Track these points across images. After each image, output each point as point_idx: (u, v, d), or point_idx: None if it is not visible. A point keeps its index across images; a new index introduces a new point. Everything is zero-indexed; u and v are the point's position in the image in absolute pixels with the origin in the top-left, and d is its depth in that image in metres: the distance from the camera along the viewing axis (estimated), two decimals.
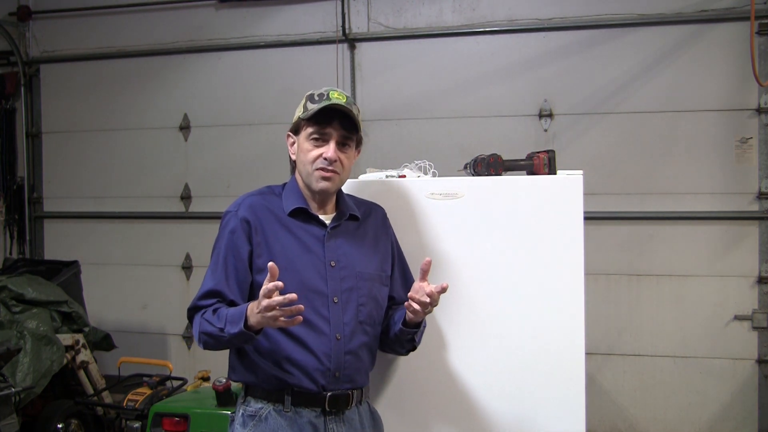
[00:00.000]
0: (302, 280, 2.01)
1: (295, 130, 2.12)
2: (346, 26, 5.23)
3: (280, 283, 1.82)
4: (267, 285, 1.82)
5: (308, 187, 2.10)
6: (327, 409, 2.04)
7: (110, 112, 5.82)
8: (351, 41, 5.24)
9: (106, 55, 5.80)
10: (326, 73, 5.22)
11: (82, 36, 5.87)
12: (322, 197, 2.12)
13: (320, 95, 2.06)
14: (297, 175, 2.15)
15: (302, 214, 2.09)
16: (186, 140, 5.67)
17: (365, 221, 2.20)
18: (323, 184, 2.06)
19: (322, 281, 2.05)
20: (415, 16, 5.17)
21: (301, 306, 1.85)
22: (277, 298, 1.81)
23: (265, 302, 1.81)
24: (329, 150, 2.04)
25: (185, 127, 5.66)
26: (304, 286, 2.00)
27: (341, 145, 2.07)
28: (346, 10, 5.23)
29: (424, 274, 2.03)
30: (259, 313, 1.84)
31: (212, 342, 2.00)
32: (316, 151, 2.05)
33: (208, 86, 5.59)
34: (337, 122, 2.05)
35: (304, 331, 1.99)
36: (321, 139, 2.06)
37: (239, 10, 5.50)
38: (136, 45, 5.73)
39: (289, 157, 2.17)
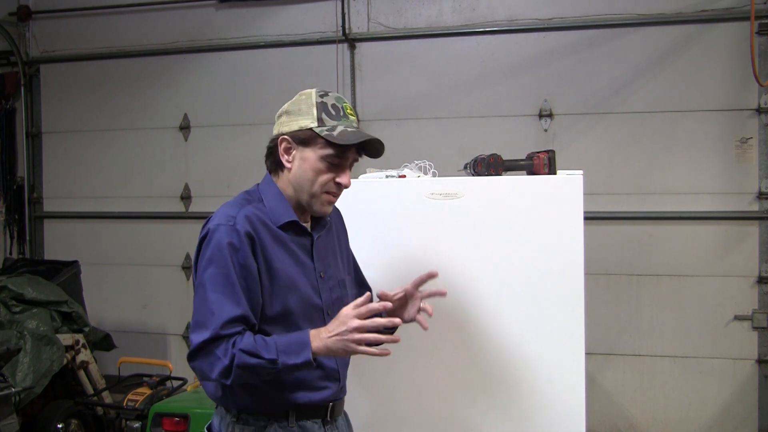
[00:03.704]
0: (302, 297, 1.92)
1: (303, 141, 1.89)
2: (346, 26, 5.23)
3: (388, 304, 1.76)
4: (370, 305, 1.74)
5: (304, 204, 1.95)
6: (328, 418, 2.00)
7: (110, 112, 5.82)
8: (351, 41, 5.24)
9: (106, 55, 5.81)
10: (326, 73, 5.22)
11: (82, 36, 5.87)
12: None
13: (335, 107, 1.90)
14: (283, 184, 1.96)
15: (293, 227, 1.95)
16: (186, 140, 5.67)
17: (330, 224, 2.10)
18: (326, 209, 1.95)
19: (317, 294, 1.96)
20: (415, 16, 5.17)
21: (398, 338, 1.80)
22: (381, 320, 1.76)
23: (356, 323, 1.73)
24: (346, 177, 1.91)
25: (185, 127, 5.66)
26: (305, 302, 1.92)
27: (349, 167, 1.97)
28: (346, 10, 5.23)
29: (420, 284, 2.04)
30: (338, 336, 1.75)
31: (248, 375, 1.78)
32: (329, 175, 1.90)
33: (208, 86, 5.59)
34: (354, 146, 1.91)
35: None
36: (337, 163, 1.90)
37: (239, 10, 5.50)
38: (136, 45, 5.73)
39: (279, 161, 1.94)
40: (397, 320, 1.81)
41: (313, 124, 1.88)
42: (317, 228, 2.02)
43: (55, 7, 5.92)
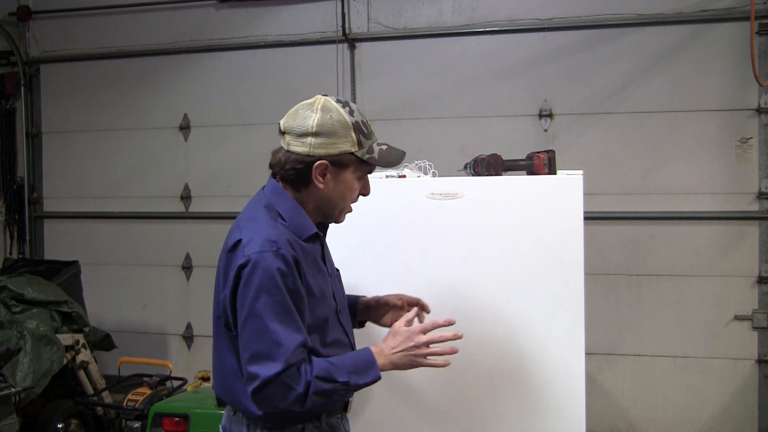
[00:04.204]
0: (329, 304, 1.95)
1: (342, 164, 1.88)
2: (346, 26, 5.23)
3: (452, 319, 1.84)
4: (436, 321, 1.83)
5: (328, 216, 1.97)
6: (346, 412, 2.04)
7: (110, 112, 5.82)
8: (351, 41, 5.24)
9: (106, 55, 5.81)
10: (326, 73, 5.23)
11: (82, 36, 5.87)
12: None
13: (364, 124, 1.91)
14: (304, 198, 1.92)
15: (312, 237, 1.94)
16: (186, 140, 5.67)
17: None
18: (345, 218, 2.01)
19: (332, 297, 1.98)
20: (415, 16, 5.17)
21: (457, 348, 1.89)
22: (447, 334, 1.84)
23: (424, 338, 1.82)
24: (369, 187, 1.98)
25: (185, 127, 5.66)
26: (329, 309, 1.95)
27: None
28: (346, 10, 5.23)
29: (414, 306, 2.06)
30: (404, 351, 1.83)
31: (323, 401, 1.80)
32: (358, 190, 1.97)
33: (208, 86, 5.59)
34: None
35: (341, 352, 1.95)
36: (365, 178, 1.97)
37: (239, 10, 5.50)
38: (136, 45, 5.73)
39: (307, 179, 1.89)
40: (459, 333, 1.89)
41: (354, 149, 1.87)
42: (323, 230, 2.04)
43: (55, 7, 5.92)
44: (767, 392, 4.55)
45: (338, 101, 1.89)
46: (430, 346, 1.90)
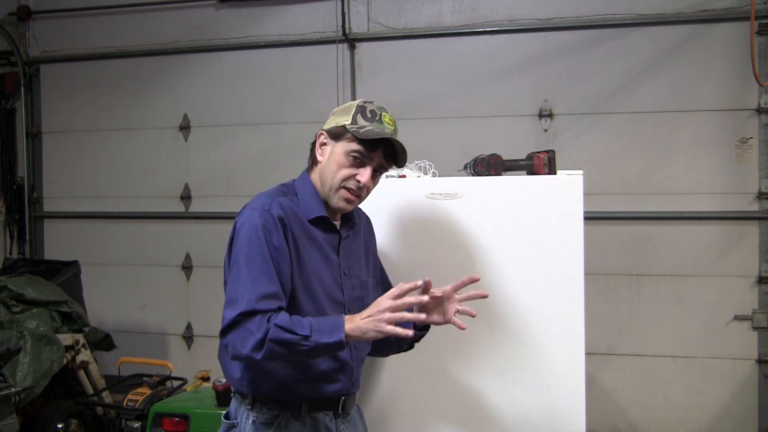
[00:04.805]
0: (326, 290, 1.99)
1: (335, 135, 2.02)
2: (346, 26, 5.23)
3: (424, 298, 1.83)
4: (405, 299, 1.79)
5: (325, 197, 2.04)
6: (339, 411, 2.05)
7: (110, 112, 5.82)
8: (351, 41, 5.24)
9: (106, 55, 5.81)
10: (326, 73, 5.23)
11: (82, 36, 5.87)
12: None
13: (372, 112, 2.01)
14: (315, 177, 2.07)
15: (323, 222, 2.03)
16: (186, 140, 5.67)
17: (358, 227, 2.19)
18: (343, 205, 2.01)
19: (339, 290, 2.03)
20: (415, 16, 5.17)
21: (423, 316, 1.89)
22: (408, 315, 1.81)
23: (387, 303, 1.78)
24: (365, 175, 1.99)
25: (185, 127, 5.66)
26: (328, 296, 1.99)
27: (375, 171, 2.03)
28: (346, 10, 5.23)
29: (461, 287, 2.00)
30: (370, 317, 1.79)
31: (281, 351, 1.79)
32: (351, 170, 1.99)
33: (208, 86, 5.59)
34: (381, 150, 2.01)
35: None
36: (360, 161, 1.99)
37: (239, 10, 5.50)
38: (136, 45, 5.73)
39: (314, 155, 2.08)
40: (421, 316, 1.88)
41: (347, 122, 2.00)
42: (345, 227, 2.11)
43: (55, 7, 5.92)
44: (767, 392, 4.56)
45: (368, 99, 2.10)
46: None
